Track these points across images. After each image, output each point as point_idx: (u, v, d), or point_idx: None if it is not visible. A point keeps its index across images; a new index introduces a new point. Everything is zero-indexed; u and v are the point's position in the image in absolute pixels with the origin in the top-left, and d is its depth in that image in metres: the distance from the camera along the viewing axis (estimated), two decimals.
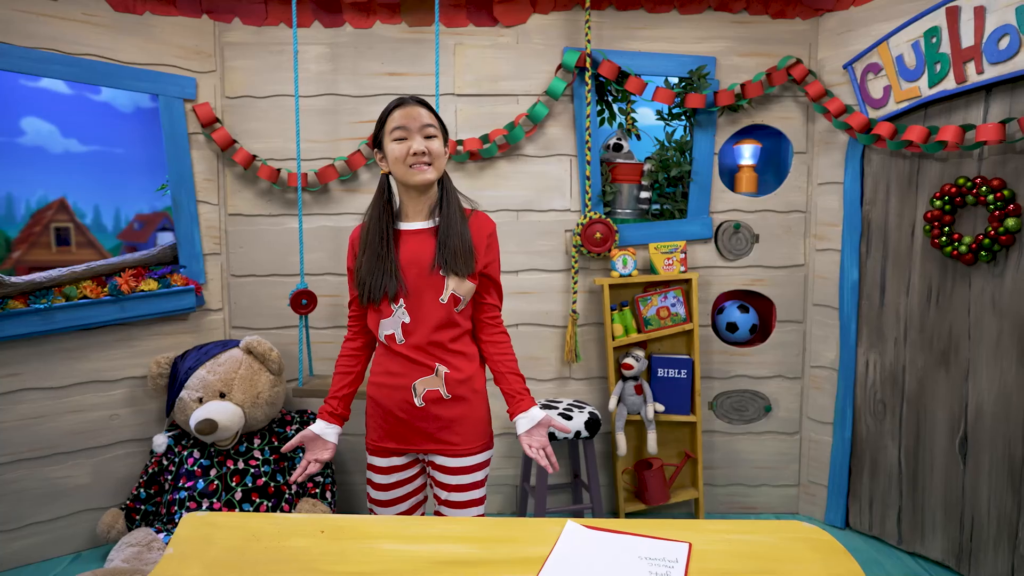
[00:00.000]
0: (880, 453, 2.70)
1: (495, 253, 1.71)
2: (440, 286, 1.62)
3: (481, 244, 1.67)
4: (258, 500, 2.53)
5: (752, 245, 2.87)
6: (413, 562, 1.12)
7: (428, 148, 1.59)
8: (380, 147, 1.66)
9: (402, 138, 1.59)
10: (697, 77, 2.74)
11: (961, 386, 2.43)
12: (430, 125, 1.61)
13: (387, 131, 1.62)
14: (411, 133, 1.59)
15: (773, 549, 1.20)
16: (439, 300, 1.62)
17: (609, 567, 1.11)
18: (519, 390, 1.66)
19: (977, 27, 2.26)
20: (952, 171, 2.41)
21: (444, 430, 1.67)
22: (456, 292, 1.63)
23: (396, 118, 1.61)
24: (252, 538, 1.19)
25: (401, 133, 1.59)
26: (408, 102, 1.62)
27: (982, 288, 2.35)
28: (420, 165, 1.59)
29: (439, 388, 1.65)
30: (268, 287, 2.86)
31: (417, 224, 1.67)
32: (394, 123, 1.61)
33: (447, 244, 1.61)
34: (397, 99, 1.65)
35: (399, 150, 1.59)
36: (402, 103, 1.62)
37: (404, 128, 1.59)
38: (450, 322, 1.64)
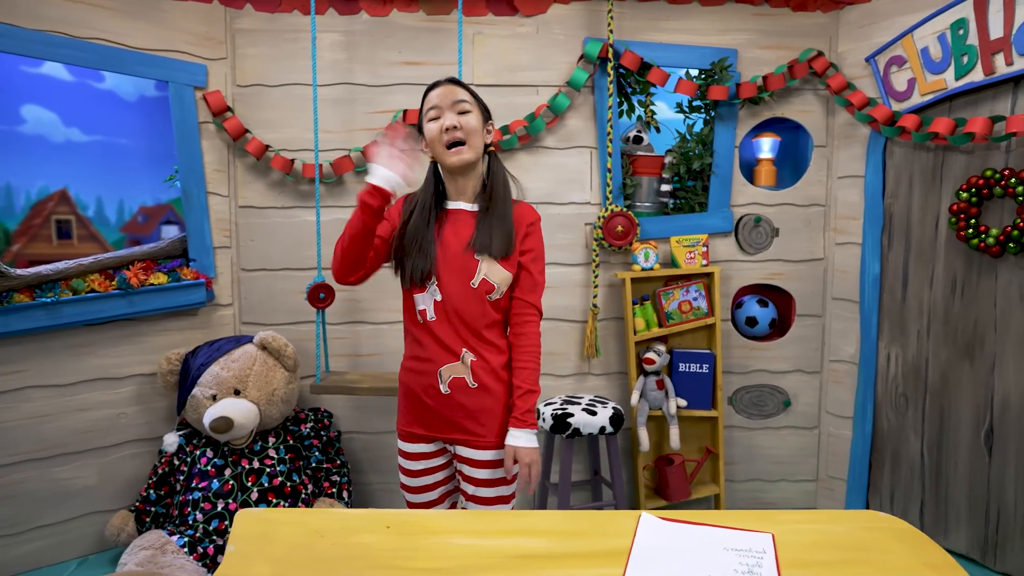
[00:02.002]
0: (902, 447, 2.69)
1: (534, 244, 1.64)
2: (472, 269, 1.58)
3: (520, 232, 1.62)
4: (274, 500, 2.45)
5: (772, 239, 2.86)
6: (490, 556, 1.07)
7: (460, 122, 1.54)
8: (421, 133, 1.63)
9: (435, 117, 1.56)
10: (719, 69, 2.72)
11: (987, 378, 2.43)
12: (463, 100, 1.56)
13: (424, 113, 1.59)
14: (443, 111, 1.56)
15: (856, 539, 1.16)
16: (470, 284, 1.58)
17: (698, 559, 1.07)
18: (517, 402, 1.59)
19: (1007, 18, 2.26)
20: (978, 163, 2.41)
21: (469, 419, 1.62)
22: (488, 278, 1.58)
23: (430, 99, 1.58)
24: (315, 535, 1.12)
25: (435, 113, 1.56)
26: (442, 82, 1.59)
27: (1009, 280, 2.35)
28: (456, 145, 1.54)
29: (465, 376, 1.60)
30: (280, 281, 2.78)
31: (460, 204, 1.63)
32: (428, 104, 1.58)
33: (485, 225, 1.57)
34: (434, 82, 1.61)
35: (433, 129, 1.56)
36: (436, 84, 1.59)
37: (437, 107, 1.56)
38: (482, 310, 1.60)
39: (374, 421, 2.86)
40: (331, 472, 2.65)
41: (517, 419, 1.58)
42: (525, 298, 1.63)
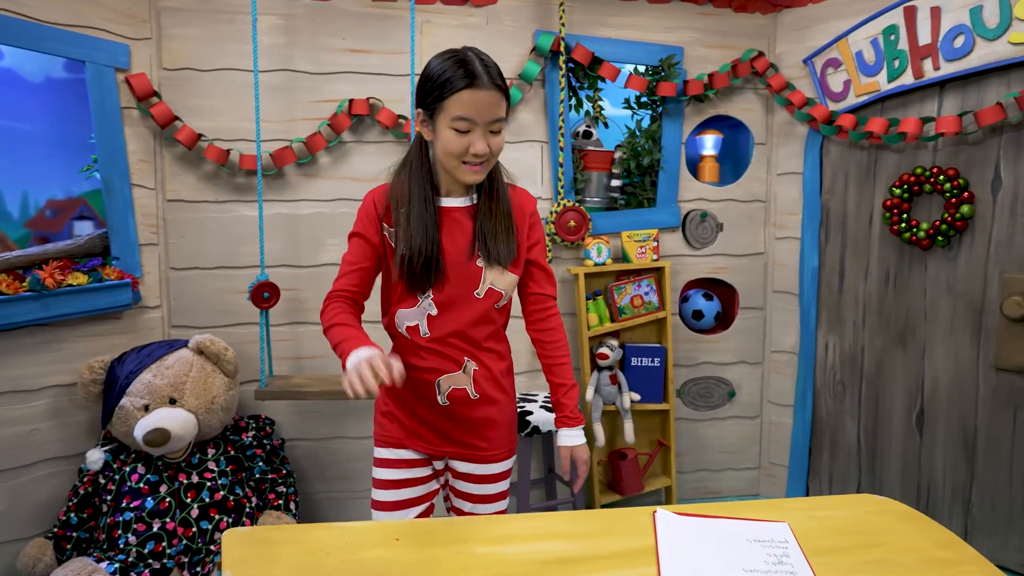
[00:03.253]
0: (839, 432, 2.83)
1: (539, 234, 1.48)
2: (476, 278, 1.39)
3: (523, 225, 1.44)
4: (217, 516, 2.27)
5: (716, 234, 2.93)
6: (518, 565, 1.01)
7: (491, 147, 1.31)
8: (430, 114, 1.34)
9: (466, 131, 1.29)
10: (667, 66, 2.76)
11: (918, 364, 2.58)
12: (500, 119, 1.32)
13: (447, 111, 1.29)
14: (476, 127, 1.29)
15: (864, 523, 1.18)
16: (474, 294, 1.40)
17: (727, 553, 1.05)
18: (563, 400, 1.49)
19: (934, 26, 2.41)
20: (908, 162, 2.56)
21: (469, 433, 1.48)
22: (495, 286, 1.41)
23: (464, 102, 1.27)
24: (320, 552, 1.03)
25: (465, 125, 1.28)
26: (483, 82, 1.27)
27: (937, 271, 2.51)
28: (476, 166, 1.32)
29: (466, 386, 1.44)
30: (215, 281, 2.59)
31: (453, 200, 1.41)
32: (459, 108, 1.27)
33: (489, 229, 1.37)
34: (466, 69, 1.26)
35: (457, 144, 1.29)
36: (475, 82, 1.26)
37: (470, 120, 1.28)
38: (486, 319, 1.44)
39: (319, 427, 2.71)
40: (277, 483, 2.49)
41: (568, 418, 1.47)
42: (544, 292, 1.50)
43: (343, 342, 1.29)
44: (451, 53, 1.32)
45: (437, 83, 1.29)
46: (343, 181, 2.65)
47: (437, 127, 1.32)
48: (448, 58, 1.30)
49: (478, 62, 1.29)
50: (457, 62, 1.28)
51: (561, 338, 1.51)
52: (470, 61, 1.28)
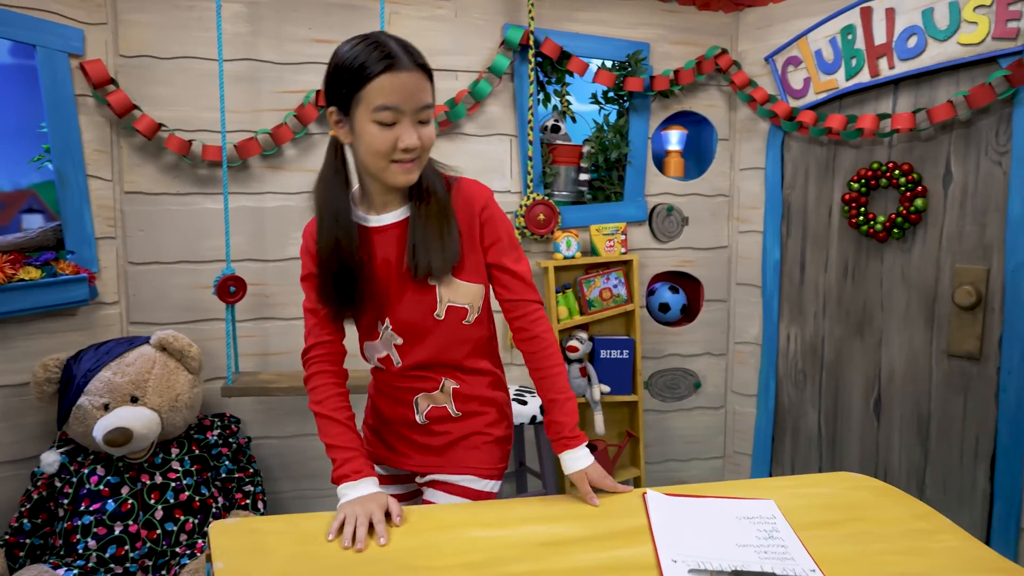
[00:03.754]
0: (801, 420, 2.91)
1: (497, 230, 1.25)
2: (432, 298, 1.22)
3: (472, 225, 1.22)
4: (183, 517, 2.20)
5: (682, 227, 2.98)
6: (518, 547, 1.01)
7: (422, 138, 1.13)
8: (344, 111, 1.15)
9: (390, 123, 1.11)
10: (634, 62, 2.79)
11: (875, 352, 2.68)
12: (428, 106, 1.15)
13: (365, 102, 1.11)
14: (403, 116, 1.11)
15: (844, 499, 1.22)
16: (435, 316, 1.23)
17: (718, 530, 1.07)
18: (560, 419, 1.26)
19: (888, 27, 2.50)
20: (865, 157, 2.65)
21: (452, 446, 1.33)
22: (456, 302, 1.23)
23: (384, 90, 1.09)
24: (315, 541, 1.00)
25: (390, 116, 1.10)
26: (404, 63, 1.10)
27: (893, 262, 2.61)
28: (407, 163, 1.14)
29: (446, 405, 1.32)
30: (176, 276, 2.51)
31: (388, 217, 1.23)
32: (380, 96, 1.09)
33: (420, 237, 1.18)
34: (383, 51, 1.09)
35: (382, 140, 1.11)
36: (395, 63, 1.09)
37: (395, 109, 1.10)
38: (459, 339, 1.27)
39: (285, 425, 2.65)
40: (244, 482, 2.42)
41: (568, 439, 1.24)
42: (517, 297, 1.27)
43: (336, 449, 1.22)
44: (361, 37, 1.14)
45: (350, 70, 1.11)
46: (310, 174, 2.59)
47: (356, 124, 1.14)
48: (359, 42, 1.13)
49: (394, 42, 1.13)
50: (370, 44, 1.11)
51: (547, 346, 1.28)
52: (384, 42, 1.12)
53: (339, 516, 1.08)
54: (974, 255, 2.40)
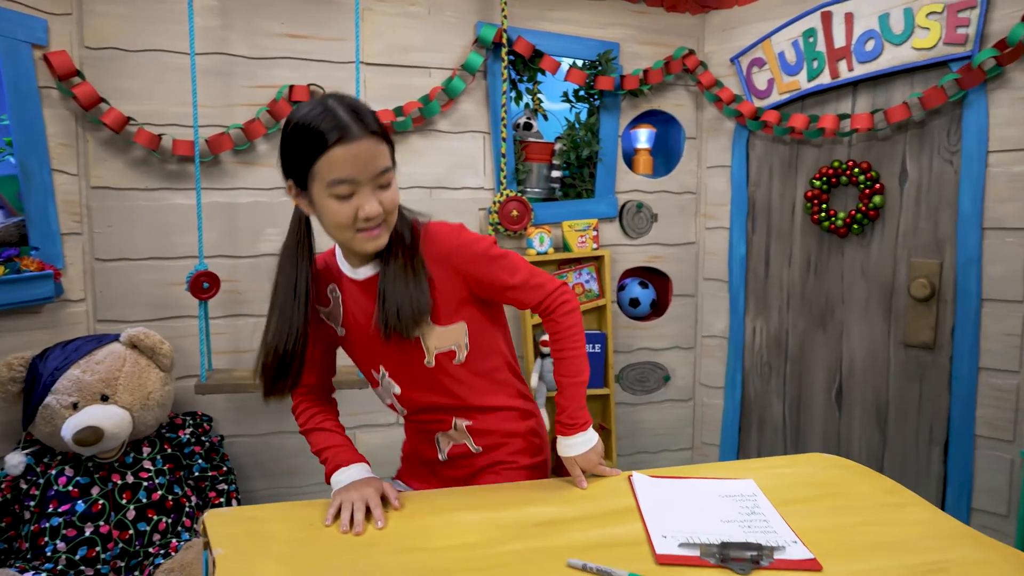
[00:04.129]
0: (767, 411, 3.01)
1: (478, 267, 1.19)
2: (419, 348, 1.20)
3: (446, 271, 1.18)
4: (156, 517, 2.17)
5: (651, 224, 3.05)
6: (513, 528, 1.04)
7: (383, 203, 1.09)
8: (300, 186, 1.12)
9: (347, 195, 1.07)
10: (604, 61, 2.84)
11: (836, 344, 2.78)
12: (387, 169, 1.10)
13: (319, 178, 1.08)
14: (360, 186, 1.08)
15: (819, 477, 1.28)
16: (425, 365, 1.22)
17: (704, 508, 1.12)
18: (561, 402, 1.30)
19: (848, 31, 2.61)
20: (826, 156, 2.75)
21: (478, 474, 1.32)
22: (442, 348, 1.21)
23: (337, 163, 1.05)
24: (313, 527, 1.02)
25: (346, 189, 1.07)
26: (352, 133, 1.05)
27: (853, 257, 2.71)
28: (373, 231, 1.11)
29: (466, 442, 1.30)
30: (145, 273, 2.47)
31: (364, 271, 1.21)
32: (333, 171, 1.06)
33: (389, 298, 1.15)
34: (331, 122, 1.05)
35: (343, 213, 1.08)
36: (344, 135, 1.05)
37: (351, 182, 1.07)
38: (457, 379, 1.24)
39: (259, 423, 2.63)
40: (217, 480, 2.40)
41: (564, 424, 1.26)
42: (534, 301, 1.24)
43: (325, 450, 1.21)
44: (312, 104, 1.10)
45: (301, 144, 1.08)
46: None
47: (314, 198, 1.11)
48: (309, 110, 1.09)
49: (343, 109, 1.07)
50: (319, 115, 1.07)
51: (563, 330, 1.25)
52: (332, 110, 1.07)
53: (335, 502, 1.09)
54: (928, 249, 2.51)
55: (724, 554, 0.95)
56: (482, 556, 0.95)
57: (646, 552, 0.97)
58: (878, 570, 0.93)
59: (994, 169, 2.34)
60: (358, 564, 0.92)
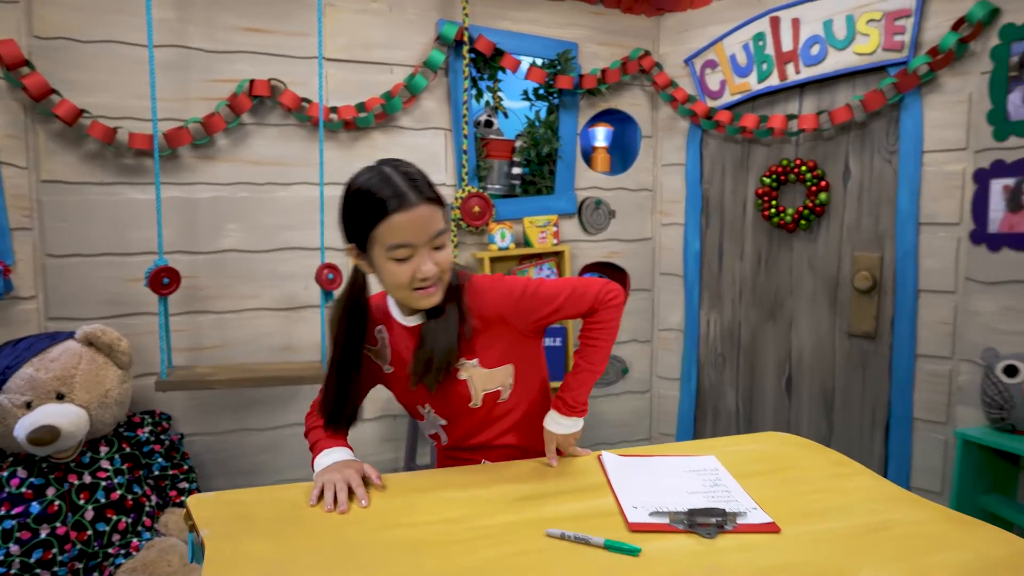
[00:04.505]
0: (721, 400, 3.12)
1: (521, 304, 1.25)
2: (465, 390, 1.27)
3: (491, 320, 1.25)
4: (115, 516, 2.13)
5: (609, 220, 3.13)
6: (491, 503, 1.08)
7: (438, 264, 1.16)
8: (360, 247, 1.18)
9: (406, 258, 1.14)
10: (563, 60, 2.91)
11: (786, 335, 2.91)
12: (442, 232, 1.16)
13: (379, 242, 1.14)
14: (418, 249, 1.14)
15: (774, 453, 1.36)
16: (470, 407, 1.28)
17: (671, 481, 1.18)
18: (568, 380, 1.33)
19: (795, 35, 2.73)
20: (775, 155, 2.87)
21: None
22: (488, 388, 1.28)
23: (396, 229, 1.12)
24: (297, 507, 1.04)
25: (405, 252, 1.13)
26: (410, 200, 1.11)
27: (801, 251, 2.84)
28: (429, 288, 1.18)
29: None
30: (99, 269, 2.41)
31: (413, 320, 1.28)
32: (394, 237, 1.12)
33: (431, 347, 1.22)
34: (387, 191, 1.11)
35: (401, 274, 1.15)
36: (402, 204, 1.11)
37: (409, 246, 1.13)
38: (504, 415, 1.32)
39: (219, 420, 2.60)
40: (178, 479, 2.36)
41: (564, 403, 1.29)
42: (583, 310, 1.29)
43: (317, 442, 1.24)
44: (368, 174, 1.16)
45: (362, 213, 1.14)
46: (243, 164, 2.56)
47: (374, 260, 1.17)
48: (361, 183, 1.15)
49: (400, 177, 1.13)
50: (378, 183, 1.13)
51: (602, 320, 1.29)
52: (389, 177, 1.13)
53: (317, 483, 1.10)
54: (869, 244, 2.66)
55: (691, 520, 1.01)
56: (464, 529, 0.99)
57: (619, 522, 1.02)
58: (829, 530, 1.01)
59: (929, 168, 2.49)
60: (343, 540, 0.95)
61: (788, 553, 0.94)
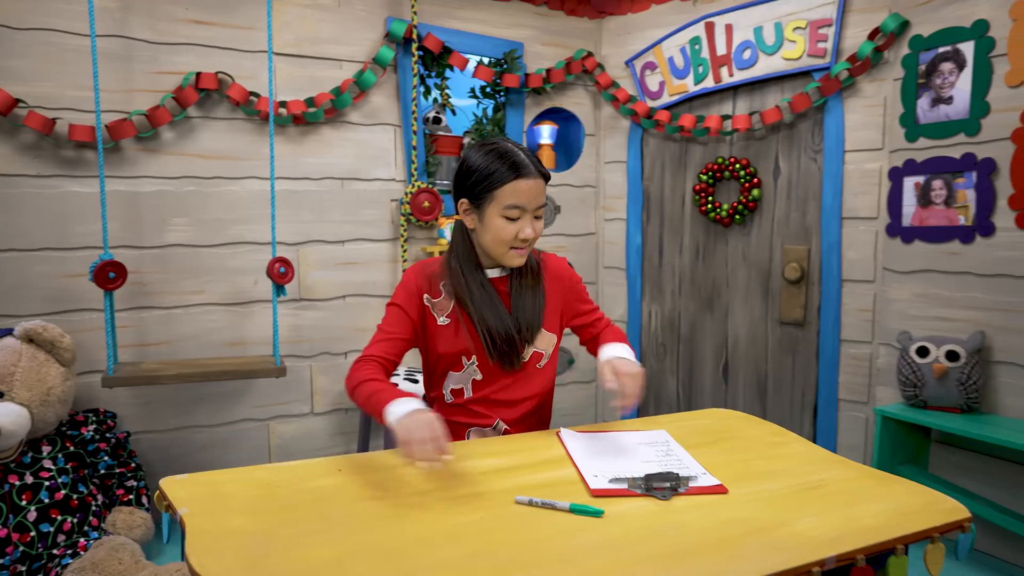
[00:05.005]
0: (663, 388, 3.26)
1: (577, 288, 1.56)
2: None
3: (558, 291, 1.50)
4: (60, 517, 2.08)
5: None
6: (463, 476, 1.14)
7: (536, 231, 1.38)
8: (475, 203, 1.38)
9: (515, 218, 1.35)
10: (509, 59, 2.98)
11: (723, 324, 3.07)
12: (544, 205, 1.39)
13: (496, 200, 1.35)
14: (526, 213, 1.36)
15: (720, 426, 1.47)
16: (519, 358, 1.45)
17: (626, 453, 1.27)
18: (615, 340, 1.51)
19: (728, 40, 2.89)
20: (711, 153, 3.03)
21: None
22: (537, 347, 1.48)
23: (516, 192, 1.34)
24: (271, 486, 1.07)
25: (516, 213, 1.35)
26: (531, 172, 1.35)
27: (736, 245, 3.01)
28: (521, 250, 1.39)
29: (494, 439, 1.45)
30: (38, 264, 2.34)
31: (492, 272, 1.46)
32: (511, 198, 1.34)
33: (521, 296, 1.43)
34: (513, 161, 1.34)
35: (507, 231, 1.36)
36: (524, 172, 1.34)
37: (520, 208, 1.35)
38: (527, 383, 1.49)
39: (166, 418, 2.56)
40: (126, 477, 2.32)
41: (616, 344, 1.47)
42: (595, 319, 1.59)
43: (376, 394, 1.26)
44: (491, 146, 1.38)
45: (485, 175, 1.35)
46: (189, 158, 2.53)
47: (485, 216, 1.37)
48: (490, 151, 1.37)
49: (523, 152, 1.37)
50: (501, 154, 1.36)
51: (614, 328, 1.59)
52: (513, 152, 1.36)
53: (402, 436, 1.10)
54: (798, 237, 2.84)
55: (648, 484, 1.09)
56: (437, 500, 1.04)
57: (582, 489, 1.10)
58: (770, 490, 1.11)
59: (850, 167, 2.68)
60: (321, 514, 0.99)
61: (735, 510, 1.04)
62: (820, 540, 0.93)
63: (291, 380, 2.73)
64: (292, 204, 2.68)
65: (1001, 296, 2.25)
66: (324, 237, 2.77)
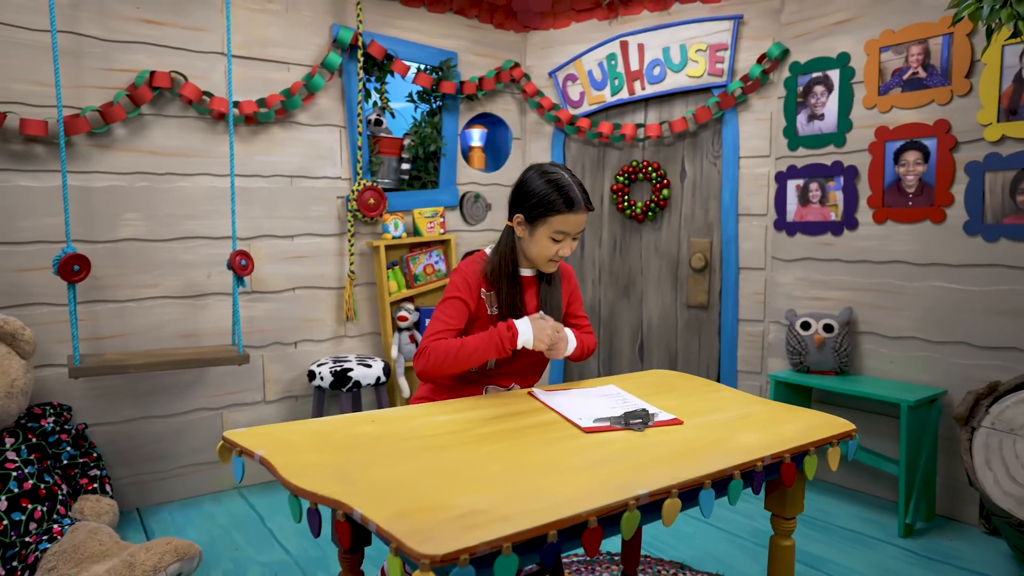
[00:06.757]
0: (586, 367, 3.61)
1: (576, 291, 1.87)
2: None
3: (566, 288, 1.82)
4: (30, 506, 2.12)
5: (487, 212, 3.49)
6: (475, 422, 1.38)
7: (571, 249, 1.67)
8: (529, 220, 1.63)
9: (559, 240, 1.61)
10: (446, 67, 3.22)
11: (638, 309, 3.46)
12: (583, 231, 1.70)
13: (548, 224, 1.59)
14: (567, 237, 1.62)
15: (659, 381, 1.80)
16: None
17: (594, 401, 1.56)
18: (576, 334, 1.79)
19: (640, 58, 3.27)
20: (626, 157, 3.41)
21: None
22: None
23: (567, 222, 1.59)
24: (322, 435, 1.27)
25: (560, 237, 1.61)
26: (580, 207, 1.60)
27: (649, 238, 3.40)
28: (557, 262, 1.68)
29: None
30: None
31: (525, 271, 1.74)
32: (561, 225, 1.59)
33: (547, 293, 1.75)
34: (569, 196, 1.58)
35: (551, 250, 1.63)
36: (576, 208, 1.59)
37: (566, 234, 1.61)
38: (542, 358, 1.76)
39: (121, 409, 2.60)
40: (88, 466, 2.37)
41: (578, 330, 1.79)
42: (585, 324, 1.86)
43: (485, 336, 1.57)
44: (553, 175, 1.61)
45: (545, 202, 1.59)
46: (142, 154, 2.59)
47: (536, 234, 1.63)
48: (551, 180, 1.60)
49: (576, 188, 1.61)
50: (560, 187, 1.59)
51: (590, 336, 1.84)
52: (569, 187, 1.60)
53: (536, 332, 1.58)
54: (702, 231, 3.27)
55: (626, 420, 1.39)
56: (465, 439, 1.28)
57: (574, 429, 1.38)
58: (714, 420, 1.44)
59: (744, 171, 3.13)
60: (376, 449, 1.20)
61: (693, 433, 1.36)
62: (758, 447, 1.27)
63: (243, 369, 2.83)
64: (244, 200, 2.79)
65: (864, 278, 2.76)
66: (275, 232, 2.89)
